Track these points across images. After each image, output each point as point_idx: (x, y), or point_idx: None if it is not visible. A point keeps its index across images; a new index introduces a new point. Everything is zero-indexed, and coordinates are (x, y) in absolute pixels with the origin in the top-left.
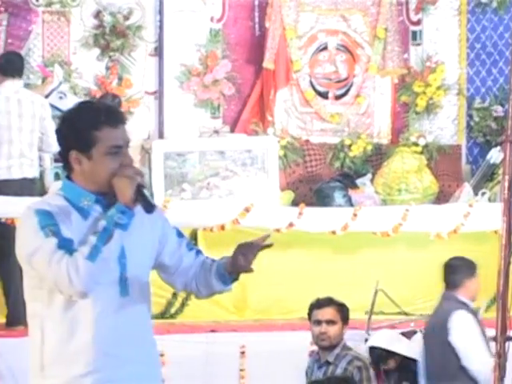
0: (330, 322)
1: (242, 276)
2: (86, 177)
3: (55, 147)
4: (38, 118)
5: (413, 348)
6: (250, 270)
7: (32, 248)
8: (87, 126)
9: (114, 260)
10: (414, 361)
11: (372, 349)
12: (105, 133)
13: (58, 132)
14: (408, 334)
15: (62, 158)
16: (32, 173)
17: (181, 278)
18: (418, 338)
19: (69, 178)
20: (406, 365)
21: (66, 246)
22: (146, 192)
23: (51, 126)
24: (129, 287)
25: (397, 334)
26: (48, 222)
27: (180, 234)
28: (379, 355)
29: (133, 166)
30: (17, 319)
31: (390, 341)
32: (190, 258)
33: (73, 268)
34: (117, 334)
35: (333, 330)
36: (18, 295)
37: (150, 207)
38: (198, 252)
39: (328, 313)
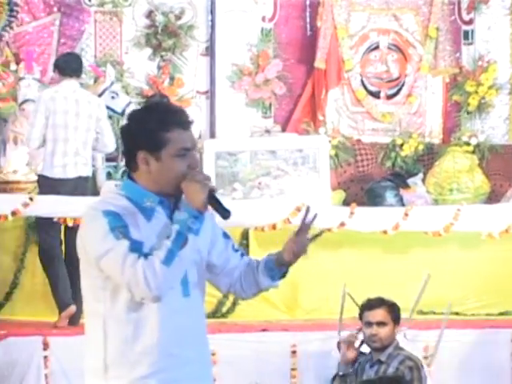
0: (381, 324)
1: (293, 275)
2: (151, 178)
3: (110, 147)
4: (95, 118)
5: None
6: (304, 251)
7: (102, 250)
8: (158, 127)
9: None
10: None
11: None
12: (175, 134)
13: (125, 131)
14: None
15: (126, 156)
16: (86, 171)
17: (226, 279)
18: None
19: (130, 177)
20: None
21: (138, 248)
22: (218, 197)
23: (107, 126)
24: (190, 288)
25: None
26: (117, 223)
27: (226, 236)
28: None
29: (201, 171)
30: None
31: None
32: (235, 259)
33: (150, 272)
34: (179, 334)
35: (384, 332)
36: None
37: (226, 213)
38: (243, 254)
39: (379, 314)
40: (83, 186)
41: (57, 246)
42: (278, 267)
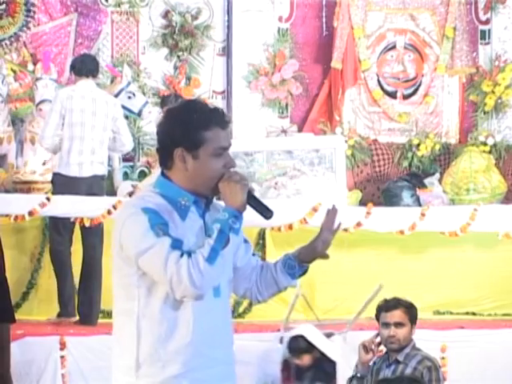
0: (399, 325)
1: (310, 276)
2: (187, 176)
3: (128, 146)
4: (111, 117)
5: (333, 348)
6: (325, 256)
7: (143, 247)
8: (198, 126)
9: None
10: (331, 362)
11: (293, 340)
12: (214, 133)
13: (163, 128)
14: (326, 335)
15: (161, 153)
16: (102, 170)
17: (244, 282)
18: (338, 339)
19: (163, 174)
20: (321, 364)
21: (179, 246)
22: (258, 197)
23: (124, 126)
24: (221, 288)
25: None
26: (158, 220)
27: (246, 240)
28: (298, 348)
29: (238, 171)
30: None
31: (314, 334)
32: (253, 262)
33: (195, 270)
34: (210, 334)
35: (401, 333)
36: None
37: (268, 212)
38: (257, 259)
39: (396, 315)
40: (99, 185)
41: (67, 253)
42: (299, 265)
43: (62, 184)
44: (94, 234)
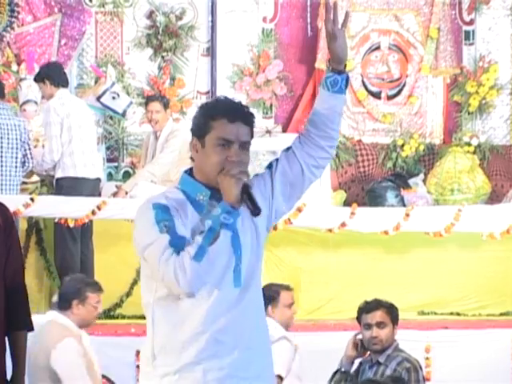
0: (381, 325)
1: (294, 276)
2: (197, 166)
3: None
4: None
5: None
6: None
7: (147, 242)
8: (206, 114)
9: (226, 253)
10: None
11: None
12: (219, 124)
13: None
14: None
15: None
16: (101, 173)
17: (313, 159)
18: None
19: (188, 169)
20: None
21: (178, 244)
22: (253, 194)
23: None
24: (243, 278)
25: None
26: (164, 216)
27: (269, 166)
28: None
29: (239, 166)
30: None
31: None
32: (294, 153)
33: (180, 269)
34: (228, 323)
35: (384, 333)
36: None
37: (256, 210)
38: (289, 148)
39: (377, 316)
40: (98, 188)
41: (77, 256)
42: (339, 74)
43: (70, 187)
44: (84, 235)
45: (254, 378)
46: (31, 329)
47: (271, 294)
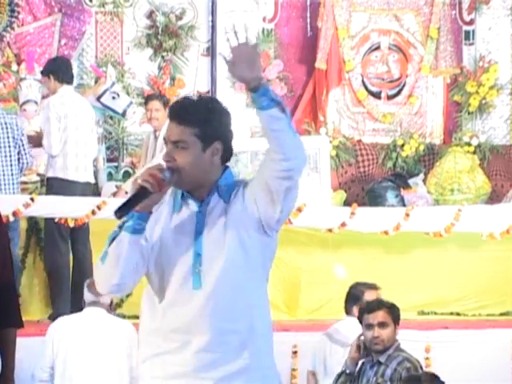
0: (382, 325)
1: (294, 276)
2: None
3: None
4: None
5: None
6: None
7: None
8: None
9: (185, 254)
10: None
11: None
12: (168, 123)
13: None
14: None
15: None
16: (92, 177)
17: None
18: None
19: None
20: None
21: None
22: (134, 200)
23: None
24: (204, 279)
25: None
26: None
27: (246, 186)
28: None
29: (153, 168)
30: None
31: None
32: (261, 194)
33: (96, 270)
34: (185, 322)
35: (385, 333)
36: None
37: (116, 212)
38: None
39: (379, 315)
40: (89, 192)
41: (67, 256)
42: (254, 93)
43: (59, 187)
44: (83, 235)
45: (219, 379)
46: (21, 326)
47: (356, 294)
